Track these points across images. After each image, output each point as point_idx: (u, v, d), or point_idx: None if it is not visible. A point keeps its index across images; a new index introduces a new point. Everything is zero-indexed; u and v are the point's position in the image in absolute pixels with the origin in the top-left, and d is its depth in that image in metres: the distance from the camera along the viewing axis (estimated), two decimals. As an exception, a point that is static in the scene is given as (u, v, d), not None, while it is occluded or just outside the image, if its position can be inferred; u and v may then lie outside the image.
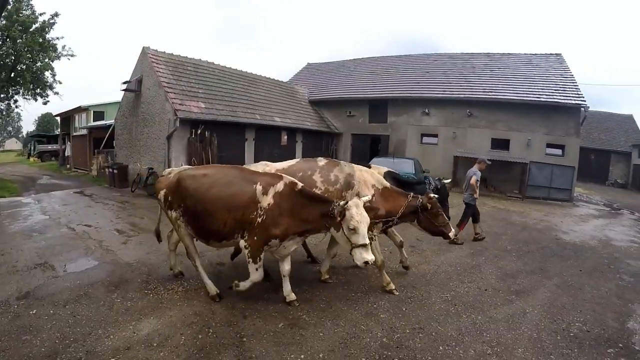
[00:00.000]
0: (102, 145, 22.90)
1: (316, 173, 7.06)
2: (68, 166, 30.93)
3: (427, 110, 24.43)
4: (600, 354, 5.41)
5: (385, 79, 28.09)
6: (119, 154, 20.08)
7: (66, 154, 33.07)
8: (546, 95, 22.65)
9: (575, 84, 23.42)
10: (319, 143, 25.42)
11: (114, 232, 10.48)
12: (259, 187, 5.83)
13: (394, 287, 6.93)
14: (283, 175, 6.14)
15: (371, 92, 26.69)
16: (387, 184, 7.11)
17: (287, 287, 6.23)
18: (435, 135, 24.56)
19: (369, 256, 5.42)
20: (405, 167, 13.99)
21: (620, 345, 5.73)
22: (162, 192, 6.45)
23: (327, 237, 6.80)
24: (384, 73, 28.94)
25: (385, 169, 8.11)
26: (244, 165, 7.97)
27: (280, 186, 5.85)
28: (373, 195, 6.66)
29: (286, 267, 6.21)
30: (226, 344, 5.03)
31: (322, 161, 7.30)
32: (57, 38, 26.05)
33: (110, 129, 21.89)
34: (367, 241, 5.45)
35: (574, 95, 22.30)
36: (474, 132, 23.62)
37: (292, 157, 21.74)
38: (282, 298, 6.20)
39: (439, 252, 9.66)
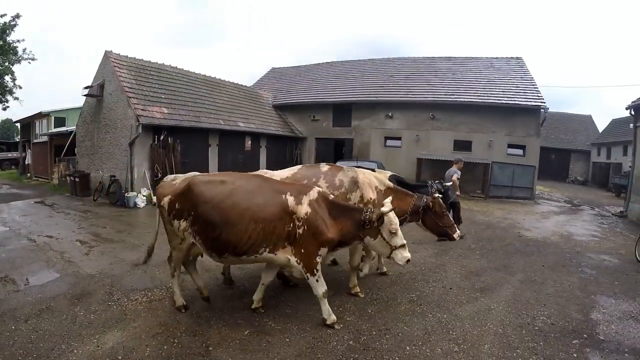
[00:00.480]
0: (63, 153, 22.15)
1: (321, 179, 6.99)
2: (28, 175, 29.74)
3: (390, 114, 24.66)
4: (566, 345, 5.52)
5: (349, 83, 28.21)
6: (81, 162, 19.50)
7: (26, 162, 31.89)
8: (507, 97, 23.22)
9: (535, 86, 24.13)
10: (283, 148, 25.33)
11: (76, 242, 10.17)
12: (289, 197, 5.53)
13: (359, 290, 6.89)
14: (310, 185, 6.07)
15: (335, 96, 26.75)
16: (391, 185, 7.14)
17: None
18: (399, 138, 24.79)
19: (409, 254, 5.56)
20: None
21: (585, 335, 5.85)
22: (166, 199, 5.77)
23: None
24: (348, 77, 29.08)
25: (390, 173, 7.93)
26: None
27: (314, 194, 5.64)
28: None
29: (267, 277, 6.14)
30: (192, 353, 4.90)
31: (325, 167, 7.26)
32: (18, 41, 25.04)
33: (72, 136, 21.22)
34: (405, 241, 5.57)
35: (534, 97, 22.95)
36: (436, 135, 23.93)
37: (257, 162, 21.69)
38: (247, 305, 6.12)
39: (403, 253, 9.68)
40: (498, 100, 23.06)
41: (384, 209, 5.45)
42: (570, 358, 5.23)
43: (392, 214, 5.48)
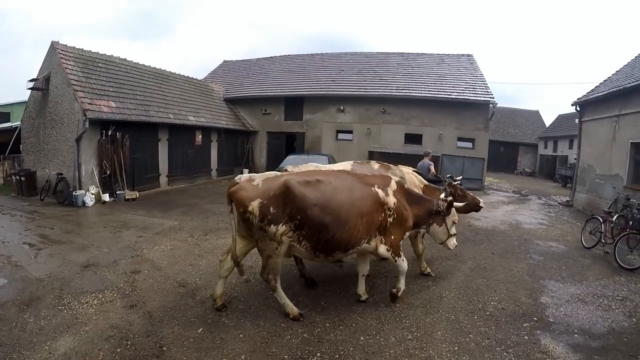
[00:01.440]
0: (7, 150, 21.06)
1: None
2: (-30, 175, 28.30)
3: (342, 108, 24.60)
4: (517, 328, 5.68)
5: (301, 76, 28.01)
6: (27, 159, 18.36)
7: (-32, 161, 30.19)
8: (457, 92, 23.69)
9: (484, 82, 24.74)
10: (235, 142, 24.76)
11: (23, 245, 9.48)
12: (379, 190, 5.79)
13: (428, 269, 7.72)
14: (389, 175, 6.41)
15: (287, 90, 26.42)
16: (425, 182, 7.61)
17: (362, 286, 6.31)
18: (350, 132, 24.82)
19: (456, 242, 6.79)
20: (320, 163, 13.78)
21: (535, 318, 6.05)
22: (255, 204, 5.23)
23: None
24: (300, 71, 28.88)
25: (411, 170, 8.03)
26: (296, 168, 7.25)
27: (394, 185, 6.00)
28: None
29: (365, 267, 6.33)
30: (146, 355, 4.74)
31: (375, 165, 7.55)
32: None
33: (17, 132, 20.07)
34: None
35: (483, 92, 23.53)
36: (387, 128, 24.10)
37: (207, 157, 21.25)
38: (199, 302, 6.02)
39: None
40: (448, 95, 23.50)
41: (456, 203, 6.42)
42: (522, 341, 5.35)
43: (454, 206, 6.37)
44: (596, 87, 18.39)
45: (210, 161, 22.14)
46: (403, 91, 24.01)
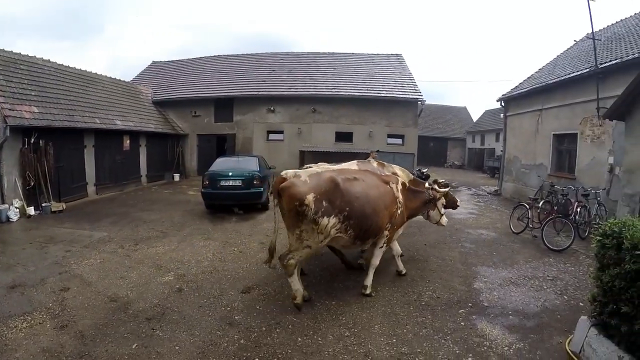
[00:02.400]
0: None
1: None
2: None
3: (272, 108, 24.31)
4: (453, 315, 5.76)
5: (231, 77, 27.44)
6: None
7: None
8: (386, 91, 24.15)
9: (413, 80, 25.40)
10: (164, 146, 23.66)
11: None
12: (393, 186, 6.71)
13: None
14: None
15: (217, 91, 25.79)
16: (412, 176, 8.02)
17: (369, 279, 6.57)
18: (281, 132, 24.60)
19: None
20: (250, 165, 13.53)
21: (470, 304, 6.17)
22: (309, 197, 5.52)
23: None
24: (230, 71, 28.30)
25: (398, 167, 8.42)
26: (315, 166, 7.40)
27: (398, 182, 6.97)
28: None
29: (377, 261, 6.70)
30: None
31: (374, 162, 8.12)
32: None
33: None
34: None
35: (411, 90, 24.16)
36: (318, 127, 24.11)
37: (136, 162, 20.26)
38: (132, 317, 5.65)
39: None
40: (378, 93, 23.91)
41: (442, 190, 7.63)
42: (459, 327, 5.42)
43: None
44: (520, 83, 19.50)
45: (139, 167, 21.01)
46: (333, 90, 24.15)
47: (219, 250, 8.79)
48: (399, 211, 6.63)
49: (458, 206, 8.86)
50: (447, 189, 7.79)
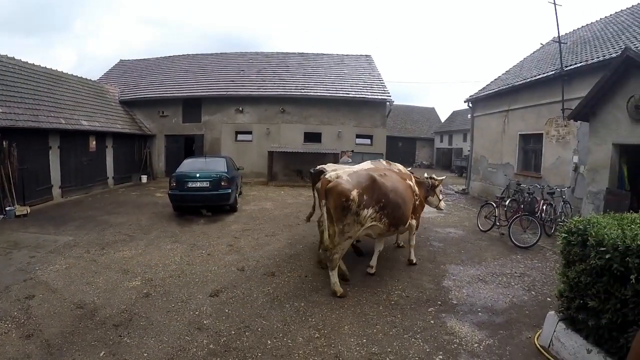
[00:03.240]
0: None
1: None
2: None
3: (241, 108, 24.03)
4: (422, 313, 5.79)
5: (199, 77, 26.99)
6: None
7: None
8: (355, 91, 24.26)
9: (382, 81, 25.59)
10: (132, 146, 23.06)
11: None
12: (410, 182, 7.84)
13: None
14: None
15: (185, 91, 25.34)
16: (407, 172, 8.69)
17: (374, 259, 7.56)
18: (250, 132, 24.37)
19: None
20: (218, 166, 13.33)
21: (439, 302, 6.21)
22: (354, 193, 6.30)
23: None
24: (199, 71, 27.83)
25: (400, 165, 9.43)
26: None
27: (413, 179, 8.14)
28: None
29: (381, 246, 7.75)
30: None
31: (383, 162, 8.59)
32: None
33: None
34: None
35: (380, 91, 24.34)
36: (287, 128, 24.01)
37: (103, 164, 19.78)
38: (99, 324, 5.47)
39: (257, 247, 9.27)
40: (347, 94, 23.99)
41: (439, 178, 9.01)
42: (428, 325, 5.44)
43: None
44: (487, 85, 19.94)
45: (106, 169, 20.35)
46: (302, 91, 24.08)
47: (186, 254, 8.60)
48: (417, 201, 7.86)
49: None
50: (443, 177, 9.28)
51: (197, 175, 12.40)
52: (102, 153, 19.91)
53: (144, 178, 22.96)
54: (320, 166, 8.66)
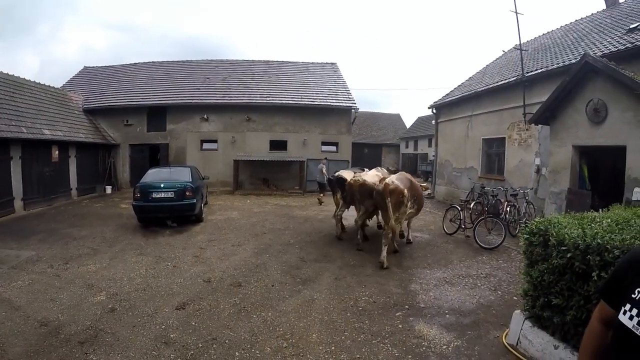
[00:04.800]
0: None
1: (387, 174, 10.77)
2: None
3: (206, 117, 23.70)
4: (390, 318, 5.76)
5: (165, 85, 26.48)
6: None
7: None
8: (320, 99, 24.32)
9: (347, 89, 25.78)
10: (95, 156, 22.32)
11: None
12: (413, 183, 9.74)
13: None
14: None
15: (150, 99, 24.79)
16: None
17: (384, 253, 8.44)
18: (215, 141, 24.08)
19: None
20: (182, 176, 13.10)
21: (407, 306, 6.22)
22: (406, 192, 8.74)
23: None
24: (164, 79, 27.34)
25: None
26: None
27: (412, 180, 9.87)
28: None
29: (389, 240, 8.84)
30: None
31: (384, 169, 11.46)
32: None
33: None
34: None
35: (345, 99, 24.51)
36: (252, 136, 23.84)
37: (66, 174, 19.13)
38: (64, 342, 5.21)
39: (223, 257, 9.09)
40: (312, 101, 24.02)
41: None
42: (397, 330, 5.43)
43: None
44: (451, 91, 20.41)
45: (69, 180, 19.53)
46: (267, 99, 23.99)
47: (152, 266, 8.33)
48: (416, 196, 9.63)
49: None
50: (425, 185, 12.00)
51: (162, 185, 12.13)
52: (65, 163, 19.18)
53: (109, 189, 22.21)
54: (338, 173, 11.50)
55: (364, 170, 11.72)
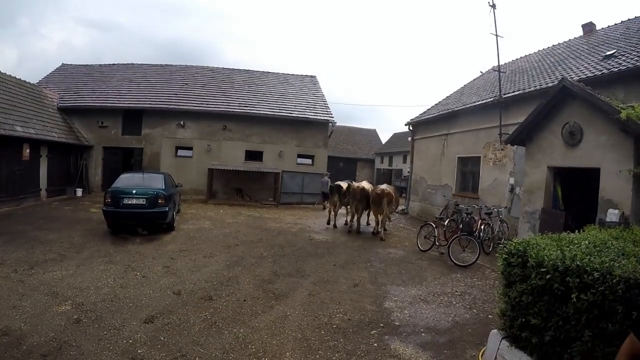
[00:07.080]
0: None
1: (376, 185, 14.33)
2: None
3: (182, 123, 23.40)
4: (365, 337, 5.67)
5: (142, 88, 26.03)
6: None
7: None
8: (298, 111, 24.39)
9: (325, 102, 25.95)
10: (68, 157, 21.71)
11: None
12: (392, 191, 13.52)
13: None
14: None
15: (126, 102, 24.30)
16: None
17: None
18: (190, 148, 23.86)
19: None
20: (155, 183, 12.79)
21: (382, 324, 6.13)
22: (393, 195, 13.39)
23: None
24: (142, 82, 26.84)
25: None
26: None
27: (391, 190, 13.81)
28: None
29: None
30: None
31: (368, 182, 15.59)
32: None
33: None
34: None
35: (323, 112, 24.68)
36: (228, 145, 23.70)
37: (36, 174, 18.63)
38: (26, 353, 4.97)
39: (194, 269, 8.84)
40: (290, 113, 24.07)
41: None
42: (372, 348, 5.34)
43: None
44: (428, 109, 20.73)
45: (39, 180, 18.89)
46: (245, 108, 23.92)
47: (120, 275, 8.01)
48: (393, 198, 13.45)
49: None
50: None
51: (134, 191, 11.81)
52: (36, 163, 18.46)
53: (79, 192, 21.48)
54: (337, 182, 16.10)
55: (353, 182, 15.83)
